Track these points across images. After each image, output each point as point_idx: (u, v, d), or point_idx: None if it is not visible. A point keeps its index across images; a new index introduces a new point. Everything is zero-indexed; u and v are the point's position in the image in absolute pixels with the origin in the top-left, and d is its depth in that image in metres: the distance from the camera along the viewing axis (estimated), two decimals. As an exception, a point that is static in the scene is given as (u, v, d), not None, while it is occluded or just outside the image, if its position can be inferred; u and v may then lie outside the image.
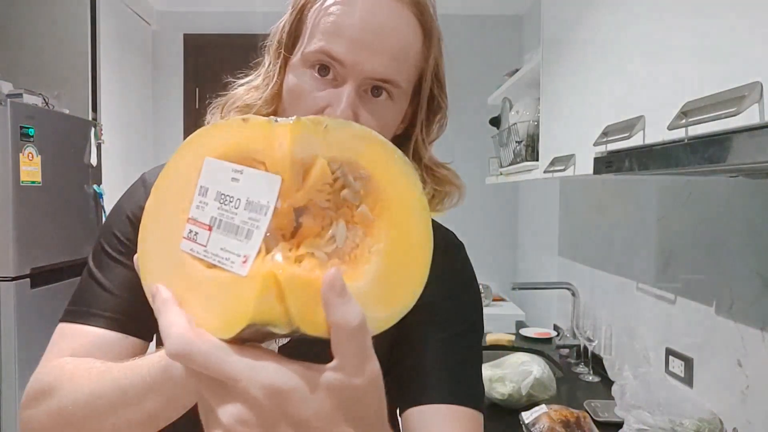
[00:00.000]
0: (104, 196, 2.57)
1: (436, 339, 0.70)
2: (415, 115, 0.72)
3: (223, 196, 0.40)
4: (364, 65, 0.62)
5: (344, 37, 0.62)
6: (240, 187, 0.39)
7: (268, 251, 0.38)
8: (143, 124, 3.23)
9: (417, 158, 0.73)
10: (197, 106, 3.35)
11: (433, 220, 0.45)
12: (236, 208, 0.39)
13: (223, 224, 0.39)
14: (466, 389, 0.68)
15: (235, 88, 0.72)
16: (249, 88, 0.71)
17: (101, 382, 0.54)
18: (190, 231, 0.40)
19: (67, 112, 2.40)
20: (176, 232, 0.41)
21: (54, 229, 2.24)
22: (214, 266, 0.39)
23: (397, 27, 0.64)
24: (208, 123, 0.71)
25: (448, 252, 0.78)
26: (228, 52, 3.36)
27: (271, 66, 0.69)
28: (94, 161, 2.49)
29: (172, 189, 0.42)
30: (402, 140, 0.73)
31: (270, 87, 0.68)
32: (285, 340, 0.66)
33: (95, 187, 2.52)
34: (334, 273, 0.37)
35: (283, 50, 0.68)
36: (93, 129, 2.50)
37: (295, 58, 0.66)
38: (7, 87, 2.14)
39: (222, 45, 3.33)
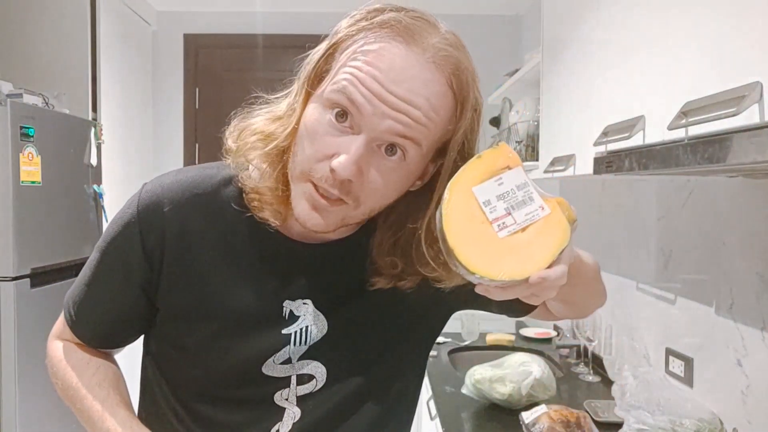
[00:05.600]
0: (104, 196, 2.57)
1: None
2: (438, 175, 0.69)
3: (501, 195, 0.61)
4: (381, 122, 0.61)
5: (368, 88, 0.61)
6: (505, 185, 0.61)
7: None
8: (143, 124, 3.23)
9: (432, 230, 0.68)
10: (197, 106, 3.35)
11: None
12: (514, 194, 0.61)
13: (515, 205, 0.61)
14: None
15: (256, 112, 0.72)
16: (272, 117, 0.70)
17: (96, 420, 0.74)
18: (499, 225, 0.60)
19: (67, 112, 2.40)
20: (490, 235, 0.60)
21: (54, 229, 2.24)
22: (525, 229, 0.60)
23: (425, 92, 0.62)
24: (226, 144, 0.72)
25: None
26: (228, 52, 3.36)
27: (295, 98, 0.68)
28: (94, 161, 2.49)
29: (463, 219, 0.60)
30: (420, 198, 0.70)
31: (291, 121, 0.67)
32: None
33: (95, 187, 2.52)
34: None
35: (307, 85, 0.67)
36: (93, 129, 2.49)
37: (318, 92, 0.65)
38: (7, 87, 2.13)
39: (222, 45, 3.33)
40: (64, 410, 2.51)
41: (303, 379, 0.75)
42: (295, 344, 0.74)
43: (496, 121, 2.65)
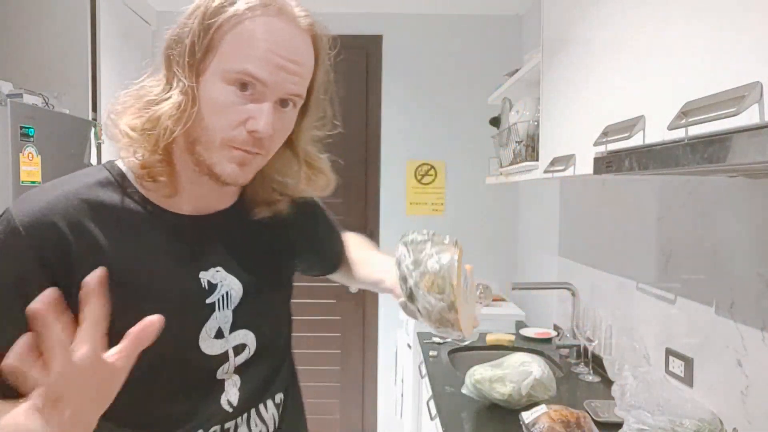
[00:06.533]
0: (104, 196, 2.56)
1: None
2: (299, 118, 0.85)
3: (462, 274, 0.84)
4: (283, 85, 0.75)
5: (266, 61, 0.73)
6: (461, 266, 0.84)
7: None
8: (143, 124, 3.22)
9: (296, 153, 0.87)
10: (197, 106, 3.35)
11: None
12: (464, 272, 0.86)
13: (465, 279, 0.87)
14: None
15: (150, 102, 0.75)
16: (174, 105, 0.73)
17: None
18: (464, 297, 0.84)
19: (67, 112, 2.40)
20: (465, 307, 0.84)
21: (54, 229, 2.23)
22: (468, 295, 0.89)
23: (303, 51, 0.78)
24: (120, 135, 0.76)
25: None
26: (228, 52, 3.36)
27: (185, 80, 0.74)
28: (94, 161, 2.48)
29: (459, 300, 0.81)
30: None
31: (194, 101, 0.74)
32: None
33: (95, 187, 2.52)
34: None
35: (196, 65, 0.74)
36: (93, 129, 2.49)
37: (209, 72, 0.74)
38: (7, 87, 2.13)
39: (222, 45, 3.33)
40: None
41: (238, 349, 0.83)
42: (219, 309, 0.81)
43: (496, 121, 2.64)
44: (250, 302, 0.84)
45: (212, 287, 0.81)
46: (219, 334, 0.80)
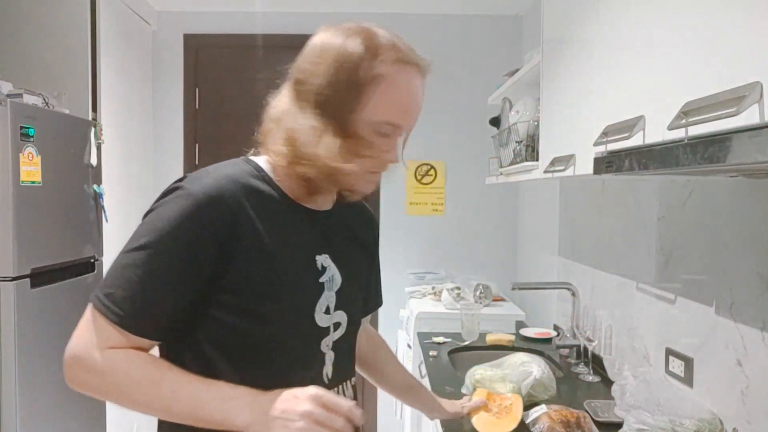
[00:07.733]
0: (104, 196, 2.57)
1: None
2: None
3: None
4: (409, 127, 0.94)
5: (405, 112, 0.92)
6: None
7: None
8: (143, 124, 3.23)
9: None
10: (197, 106, 3.35)
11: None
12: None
13: None
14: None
15: (312, 141, 0.88)
16: (335, 147, 0.88)
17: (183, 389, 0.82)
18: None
19: (67, 112, 2.40)
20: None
21: (54, 229, 2.24)
22: None
23: (423, 93, 0.96)
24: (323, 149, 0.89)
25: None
26: (228, 52, 3.36)
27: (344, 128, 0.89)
28: (94, 161, 2.48)
29: None
30: None
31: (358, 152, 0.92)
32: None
33: (95, 187, 2.52)
34: None
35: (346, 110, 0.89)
36: (93, 129, 2.49)
37: (360, 118, 0.88)
38: (7, 87, 2.13)
39: (222, 45, 3.33)
40: (64, 410, 2.49)
41: (336, 326, 0.99)
42: (328, 289, 0.96)
43: (496, 121, 2.64)
44: (346, 288, 1.00)
45: (323, 269, 0.97)
46: (327, 310, 0.96)
